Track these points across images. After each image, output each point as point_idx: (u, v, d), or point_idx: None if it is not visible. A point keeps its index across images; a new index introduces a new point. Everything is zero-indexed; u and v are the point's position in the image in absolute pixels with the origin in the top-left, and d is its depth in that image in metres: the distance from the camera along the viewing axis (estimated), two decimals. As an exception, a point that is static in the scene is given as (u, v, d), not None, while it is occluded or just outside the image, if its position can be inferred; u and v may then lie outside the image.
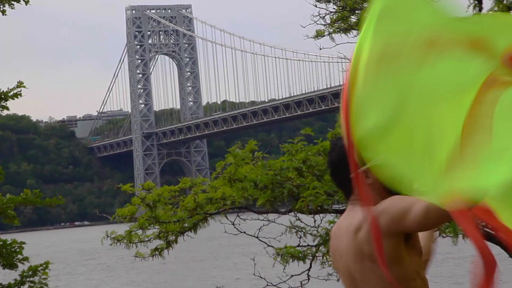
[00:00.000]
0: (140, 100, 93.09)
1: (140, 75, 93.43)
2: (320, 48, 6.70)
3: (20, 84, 6.80)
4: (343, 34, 6.38)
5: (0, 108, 6.85)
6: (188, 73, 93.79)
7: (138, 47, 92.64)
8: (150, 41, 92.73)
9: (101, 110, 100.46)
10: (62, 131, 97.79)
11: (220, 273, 22.39)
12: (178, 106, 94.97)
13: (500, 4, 6.03)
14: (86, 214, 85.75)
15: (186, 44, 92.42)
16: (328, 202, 5.44)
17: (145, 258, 6.01)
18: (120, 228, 6.07)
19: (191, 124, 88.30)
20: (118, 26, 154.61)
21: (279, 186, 5.53)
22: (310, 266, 5.76)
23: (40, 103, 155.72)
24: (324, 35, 6.39)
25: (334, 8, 6.37)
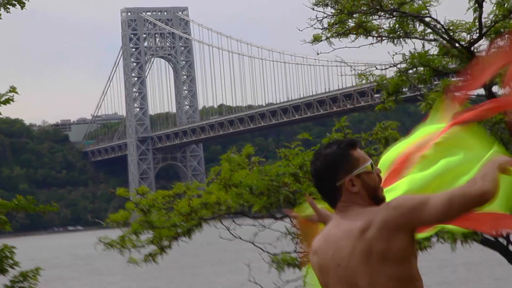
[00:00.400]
0: (135, 104, 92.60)
1: (136, 79, 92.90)
2: (318, 53, 6.77)
3: (12, 89, 6.81)
4: (341, 38, 6.40)
5: (-8, 113, 6.65)
6: (185, 76, 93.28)
7: (134, 50, 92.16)
8: (146, 43, 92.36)
9: (95, 114, 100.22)
10: (56, 135, 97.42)
11: (215, 279, 22.45)
12: (174, 110, 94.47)
13: (501, 8, 5.97)
14: (80, 219, 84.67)
15: (183, 47, 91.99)
16: None
17: (138, 264, 5.99)
18: (114, 233, 5.99)
19: (187, 129, 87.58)
20: (113, 28, 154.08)
21: (275, 192, 5.56)
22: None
23: (33, 107, 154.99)
24: (321, 40, 6.40)
25: (331, 11, 6.32)
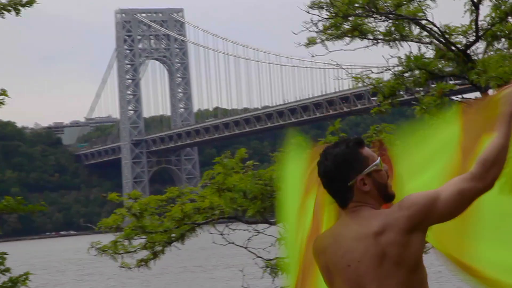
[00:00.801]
0: (130, 107, 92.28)
1: (130, 81, 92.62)
2: (312, 56, 6.75)
3: (3, 92, 6.81)
4: (336, 41, 6.38)
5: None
6: (179, 78, 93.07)
7: (128, 51, 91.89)
8: (140, 45, 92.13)
9: (89, 117, 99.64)
10: (48, 138, 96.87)
11: (208, 284, 22.20)
12: (169, 113, 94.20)
13: (498, 10, 5.97)
14: (73, 223, 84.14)
15: (178, 49, 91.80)
16: None
17: (131, 269, 5.98)
18: (107, 238, 5.99)
19: (181, 132, 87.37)
20: (107, 30, 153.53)
21: (269, 196, 5.51)
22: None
23: (25, 109, 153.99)
24: (316, 42, 6.36)
25: (326, 14, 6.27)
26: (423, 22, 6.57)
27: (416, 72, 6.46)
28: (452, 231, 1.73)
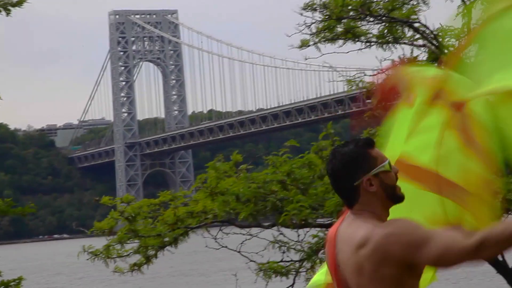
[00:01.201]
0: (123, 109, 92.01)
1: (124, 83, 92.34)
2: (306, 58, 6.81)
3: None
4: (329, 43, 6.39)
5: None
6: (174, 81, 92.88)
7: (122, 53, 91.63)
8: (134, 47, 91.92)
9: (82, 119, 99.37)
10: (41, 140, 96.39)
11: None
12: (163, 115, 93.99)
13: None
14: (66, 227, 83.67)
15: (172, 51, 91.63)
16: (312, 216, 5.42)
17: (124, 273, 5.94)
18: (100, 242, 5.93)
19: (176, 134, 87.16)
20: (101, 31, 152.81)
21: (262, 200, 5.53)
22: (294, 282, 5.68)
23: (18, 111, 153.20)
24: (309, 44, 6.39)
25: (320, 17, 6.29)
26: (416, 25, 6.56)
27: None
28: None
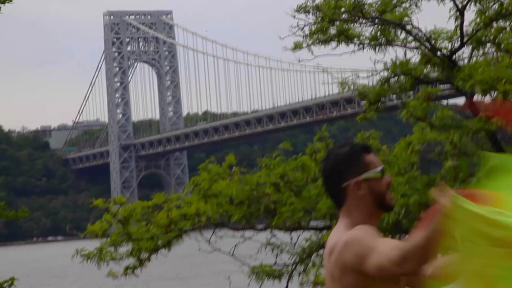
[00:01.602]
0: (118, 110, 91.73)
1: (118, 84, 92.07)
2: (299, 60, 6.79)
3: None
4: (322, 45, 6.42)
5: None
6: (168, 82, 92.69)
7: (116, 54, 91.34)
8: (129, 48, 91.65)
9: (77, 120, 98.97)
10: (36, 141, 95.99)
11: None
12: (158, 117, 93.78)
13: (483, 15, 6.01)
14: (60, 229, 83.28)
15: (167, 52, 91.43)
16: (305, 218, 5.40)
17: (117, 277, 5.91)
18: (95, 244, 5.90)
19: (171, 136, 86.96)
20: (96, 32, 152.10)
21: (256, 202, 5.50)
22: (287, 285, 5.67)
23: (12, 112, 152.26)
24: (302, 47, 6.39)
25: (313, 18, 6.30)
26: (409, 27, 6.56)
27: (402, 77, 6.45)
28: None
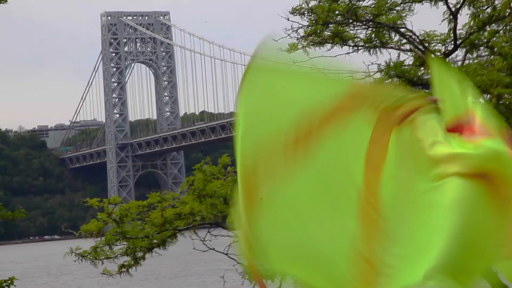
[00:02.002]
0: (115, 110, 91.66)
1: (115, 84, 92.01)
2: (294, 62, 6.45)
3: None
4: (317, 47, 6.50)
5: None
6: (166, 82, 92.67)
7: (114, 54, 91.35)
8: (126, 48, 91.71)
9: (74, 120, 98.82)
10: (33, 141, 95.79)
11: None
12: (155, 117, 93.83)
13: (476, 19, 6.08)
14: (57, 227, 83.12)
15: (164, 52, 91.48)
16: None
17: (112, 275, 5.84)
18: (90, 243, 5.89)
19: (167, 135, 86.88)
20: (93, 32, 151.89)
21: None
22: (280, 284, 5.40)
23: (9, 112, 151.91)
24: (297, 48, 6.46)
25: (307, 21, 6.40)
26: (403, 30, 6.60)
27: (396, 79, 6.49)
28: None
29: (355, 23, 6.46)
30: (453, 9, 6.40)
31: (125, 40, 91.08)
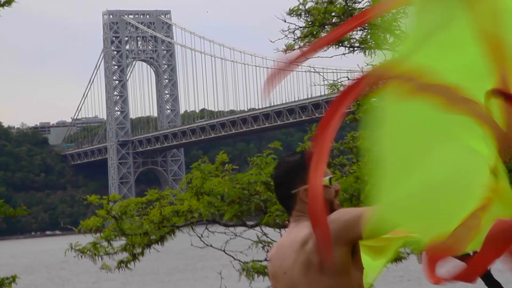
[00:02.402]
0: (116, 107, 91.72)
1: (117, 82, 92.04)
2: (291, 62, 6.41)
3: None
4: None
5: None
6: (166, 80, 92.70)
7: (115, 52, 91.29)
8: (128, 47, 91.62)
9: (75, 117, 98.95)
10: (35, 137, 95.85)
11: (187, 286, 22.09)
12: (155, 114, 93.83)
13: None
14: (58, 223, 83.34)
15: (165, 51, 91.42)
16: None
17: (111, 270, 6.02)
18: (91, 239, 6.04)
19: (168, 133, 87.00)
20: (95, 30, 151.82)
21: (247, 200, 5.62)
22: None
23: (12, 109, 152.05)
24: (294, 49, 6.52)
25: (304, 22, 6.46)
26: (398, 32, 6.74)
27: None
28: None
29: (350, 24, 6.57)
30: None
31: (126, 38, 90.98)
